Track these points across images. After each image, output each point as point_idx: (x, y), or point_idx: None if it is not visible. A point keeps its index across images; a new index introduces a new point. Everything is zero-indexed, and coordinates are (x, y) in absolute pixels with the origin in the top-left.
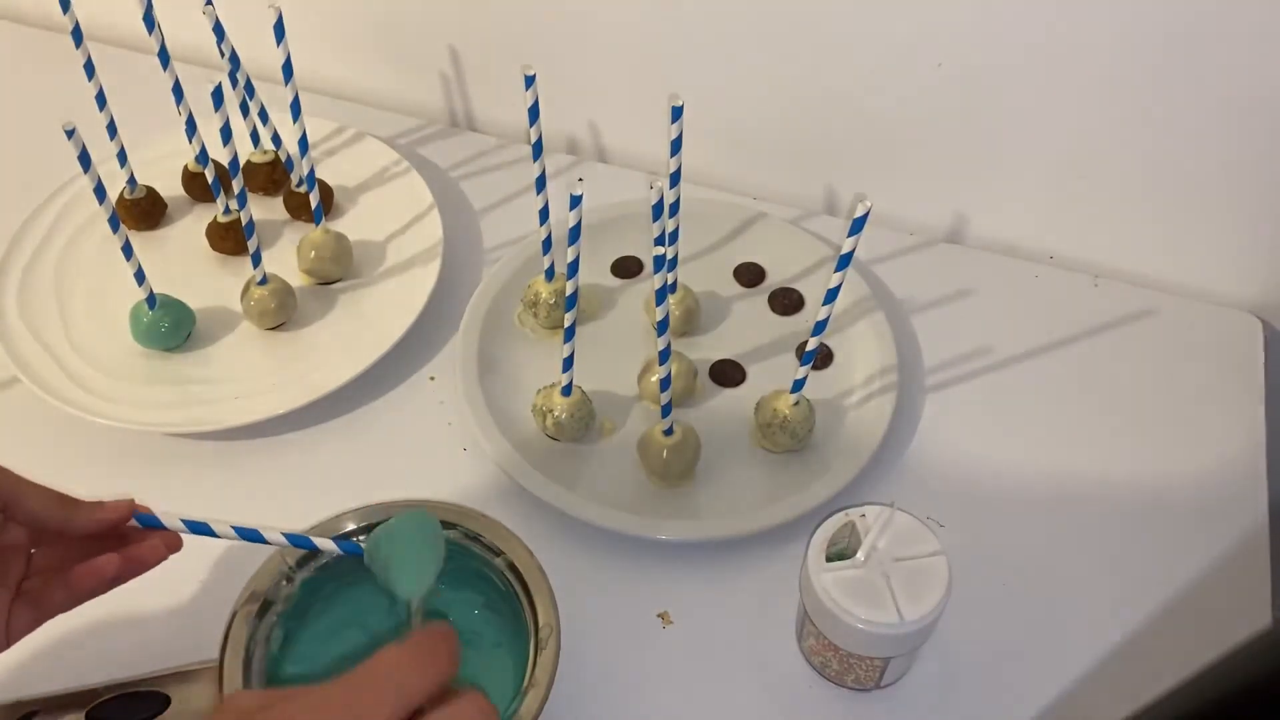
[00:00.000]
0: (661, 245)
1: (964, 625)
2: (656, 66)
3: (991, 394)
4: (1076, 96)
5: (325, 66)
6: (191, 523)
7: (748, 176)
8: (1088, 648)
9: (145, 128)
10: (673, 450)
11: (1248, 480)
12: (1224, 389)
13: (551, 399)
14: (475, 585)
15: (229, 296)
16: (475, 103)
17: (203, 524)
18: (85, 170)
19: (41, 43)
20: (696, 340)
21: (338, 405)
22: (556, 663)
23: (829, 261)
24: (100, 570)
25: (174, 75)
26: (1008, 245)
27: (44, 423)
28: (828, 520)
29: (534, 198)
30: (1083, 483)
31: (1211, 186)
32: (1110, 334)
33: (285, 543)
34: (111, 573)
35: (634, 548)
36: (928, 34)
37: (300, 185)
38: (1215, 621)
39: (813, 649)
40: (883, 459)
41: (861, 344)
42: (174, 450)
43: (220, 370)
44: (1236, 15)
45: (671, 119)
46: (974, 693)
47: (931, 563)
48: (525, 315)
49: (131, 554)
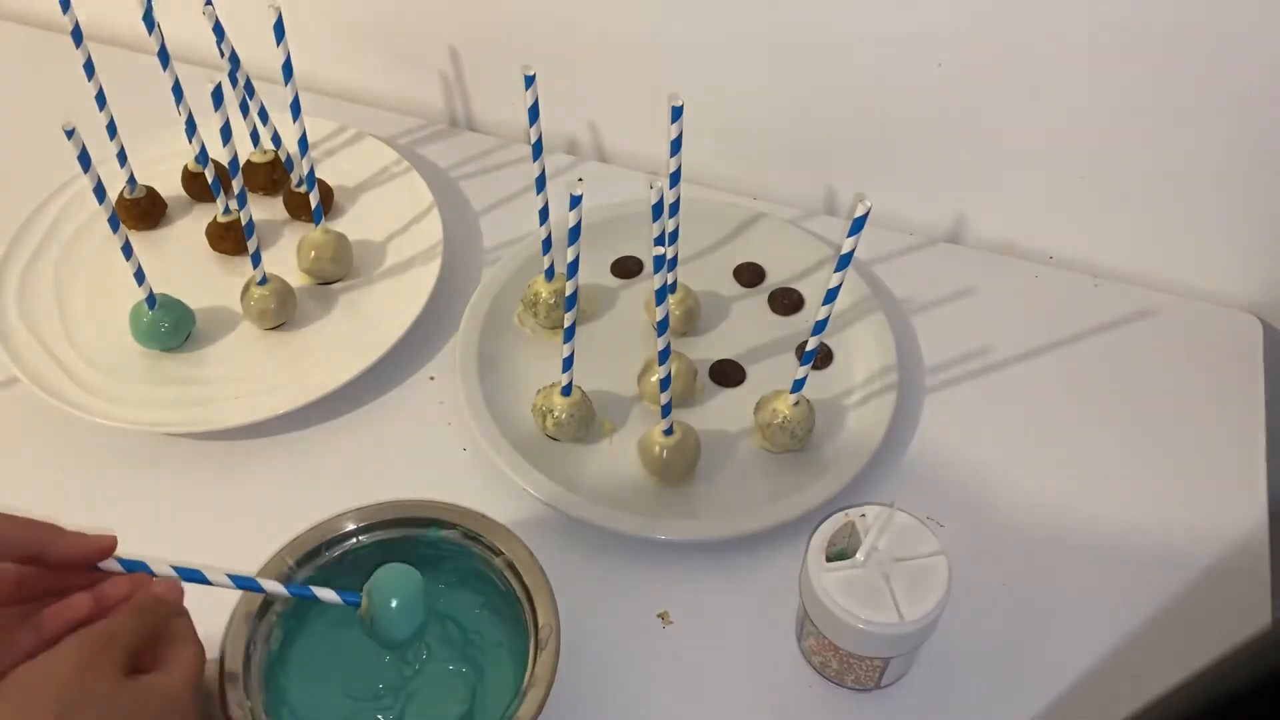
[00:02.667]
0: (661, 245)
1: (964, 625)
2: (656, 66)
3: (991, 394)
4: (1076, 96)
5: (325, 66)
6: (184, 570)
7: (748, 176)
8: (1088, 648)
9: (145, 128)
10: (673, 450)
11: (1248, 480)
12: (1224, 389)
13: (551, 399)
14: (475, 585)
15: (229, 296)
16: (475, 103)
17: (195, 571)
18: (85, 170)
19: (41, 43)
20: (696, 340)
21: (338, 405)
22: (556, 663)
23: (829, 261)
24: (72, 611)
25: (174, 75)
26: (1008, 245)
27: (44, 423)
28: (828, 520)
29: (534, 198)
30: (1083, 483)
31: (1211, 186)
32: (1110, 334)
33: (283, 591)
34: (83, 614)
35: (634, 548)
36: (928, 34)
37: (300, 185)
38: (1215, 621)
39: (813, 649)
40: (883, 459)
41: (861, 344)
42: (174, 450)
43: (220, 370)
44: (1236, 15)
45: (671, 119)
46: (974, 693)
47: (931, 563)
48: (525, 315)
49: (106, 593)
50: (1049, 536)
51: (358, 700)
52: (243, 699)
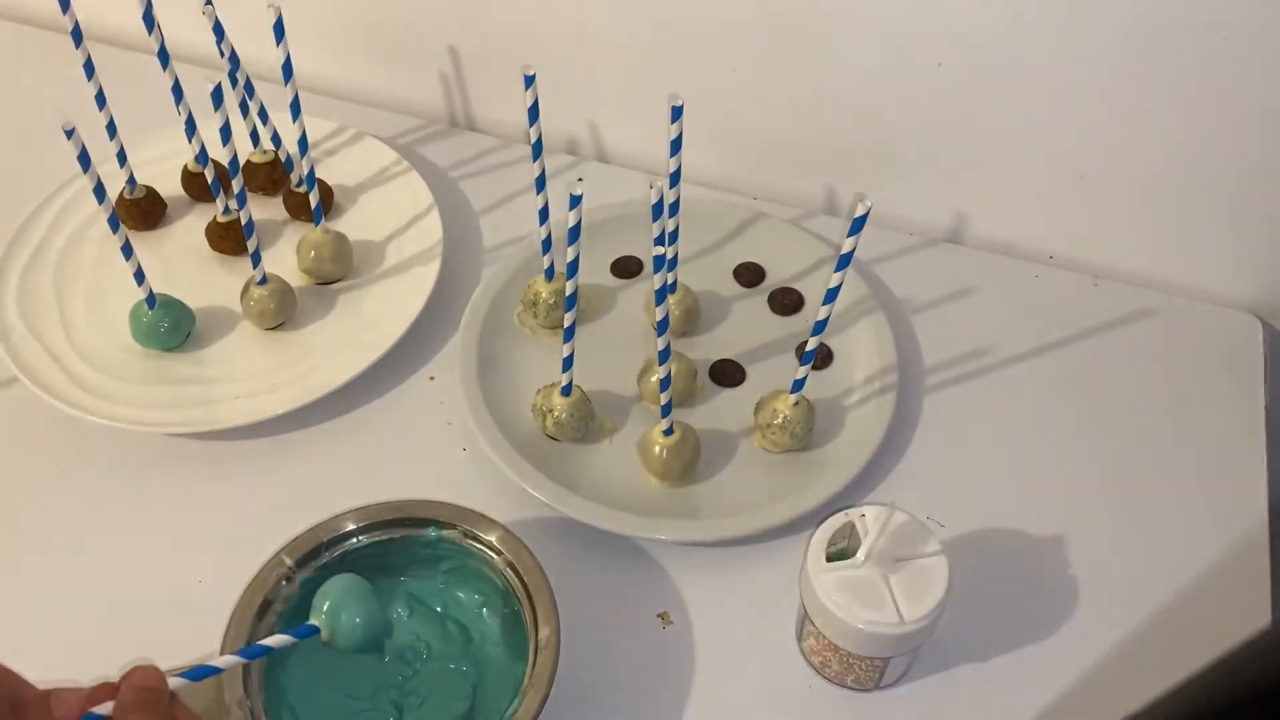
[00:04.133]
0: (661, 245)
1: (964, 625)
2: (656, 66)
3: (991, 394)
4: (1076, 97)
5: (325, 66)
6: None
7: (748, 176)
8: (1087, 648)
9: (145, 128)
10: (673, 450)
11: (1248, 480)
12: (1224, 389)
13: (551, 399)
14: (475, 585)
15: (229, 296)
16: (475, 103)
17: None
18: (85, 170)
19: (41, 43)
20: (696, 340)
21: (338, 405)
22: (556, 663)
23: (829, 261)
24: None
25: (174, 75)
26: (1008, 245)
27: (44, 423)
28: (828, 520)
29: (534, 198)
30: (1083, 483)
31: (1211, 186)
32: (1110, 334)
33: (236, 660)
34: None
35: (634, 548)
36: (928, 34)
37: (300, 185)
38: (1215, 621)
39: (813, 649)
40: (883, 459)
41: (861, 344)
42: (174, 450)
43: (220, 370)
44: (1237, 15)
45: (671, 119)
46: (974, 693)
47: (931, 563)
48: (525, 315)
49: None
50: (1049, 536)
51: (358, 700)
52: (243, 699)
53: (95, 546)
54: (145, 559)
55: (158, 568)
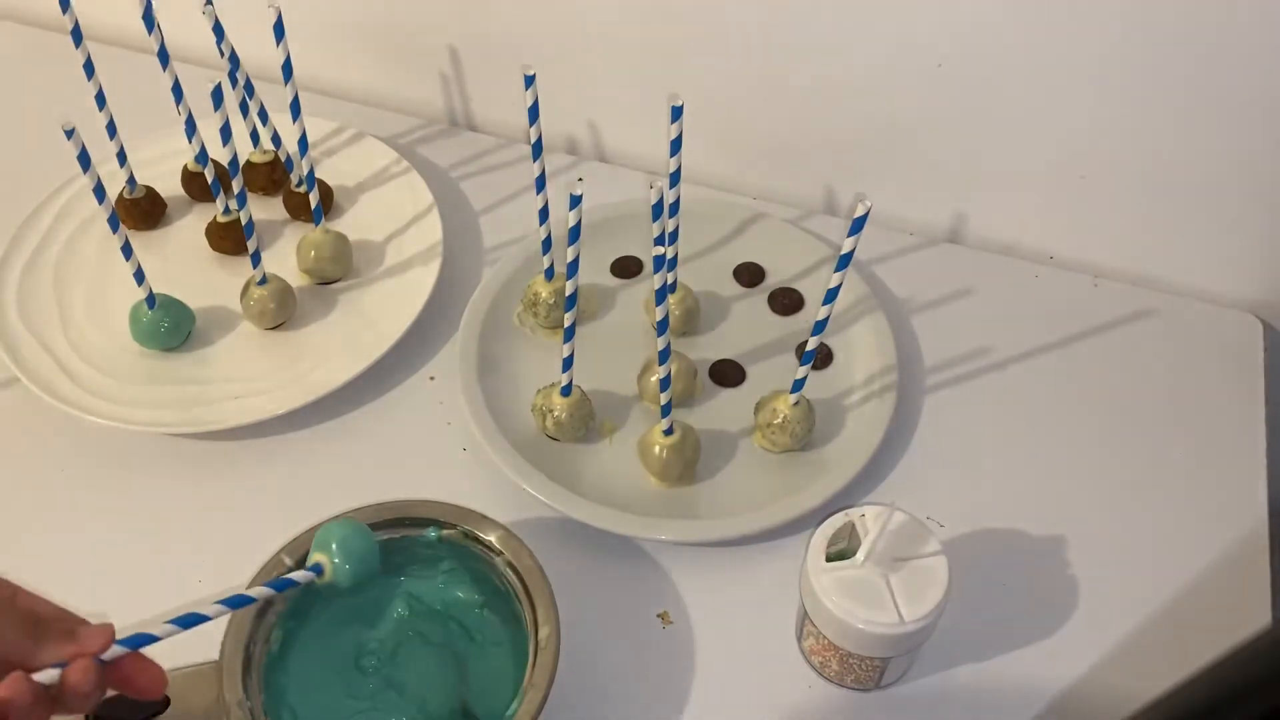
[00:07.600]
0: (661, 245)
1: (964, 625)
2: (656, 66)
3: (991, 394)
4: (1076, 96)
5: (325, 66)
6: (185, 618)
7: (748, 176)
8: (1087, 648)
9: (145, 128)
10: (673, 450)
11: (1248, 480)
12: (1224, 389)
13: (551, 399)
14: (475, 585)
15: (229, 296)
16: (475, 103)
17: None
18: (85, 170)
19: (41, 43)
20: (696, 340)
21: (338, 405)
22: (556, 663)
23: (829, 261)
24: None
25: (174, 75)
26: (1008, 245)
27: (44, 423)
28: (828, 520)
29: (534, 198)
30: (1082, 483)
31: (1211, 186)
32: (1110, 334)
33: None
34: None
35: (634, 548)
36: (928, 34)
37: (300, 185)
38: (1215, 621)
39: (813, 649)
40: (883, 459)
41: (861, 344)
42: (174, 450)
43: (220, 370)
44: (1236, 15)
45: (671, 119)
46: (974, 692)
47: (931, 563)
48: (525, 315)
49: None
50: (1049, 536)
51: (358, 700)
52: (242, 699)
53: (95, 546)
54: (145, 559)
55: (157, 568)
